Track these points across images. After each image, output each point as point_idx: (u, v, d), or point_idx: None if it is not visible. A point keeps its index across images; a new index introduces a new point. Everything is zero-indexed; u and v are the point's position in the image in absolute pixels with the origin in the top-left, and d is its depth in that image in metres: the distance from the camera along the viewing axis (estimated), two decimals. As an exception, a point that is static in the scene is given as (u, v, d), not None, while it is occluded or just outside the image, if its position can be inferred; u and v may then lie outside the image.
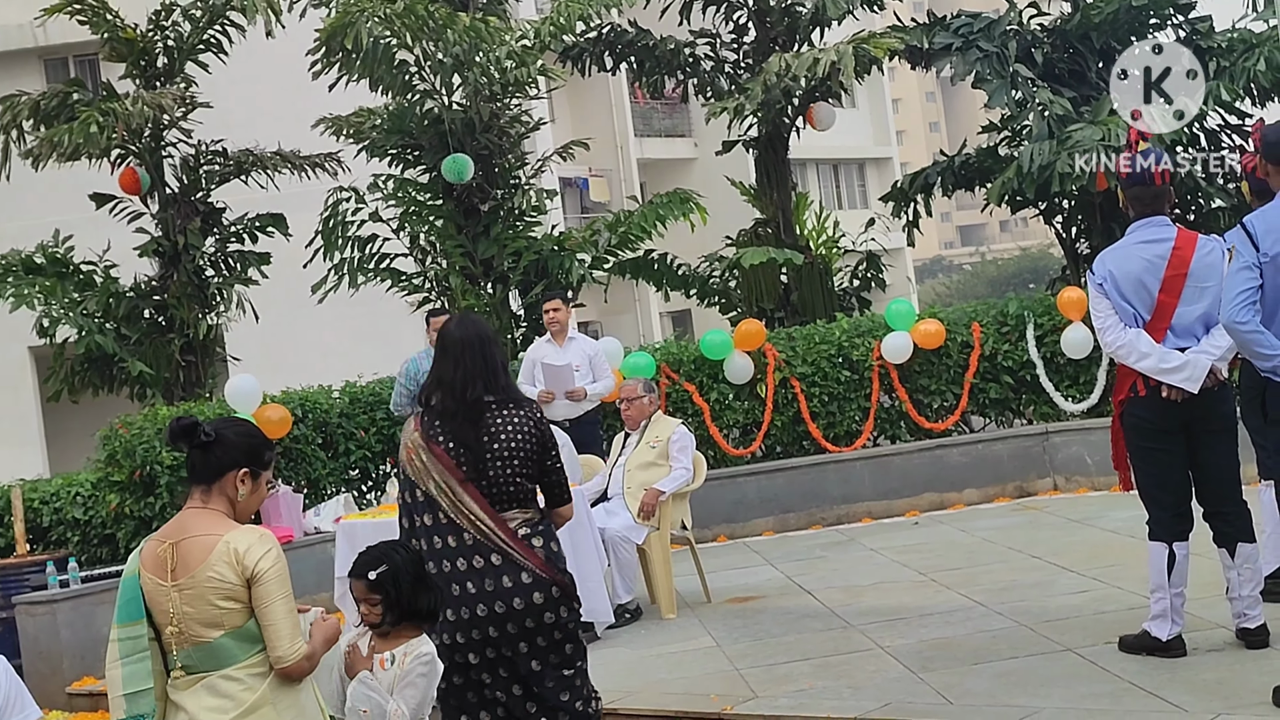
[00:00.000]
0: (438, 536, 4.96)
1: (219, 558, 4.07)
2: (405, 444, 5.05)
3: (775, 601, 9.18)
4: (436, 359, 5.17)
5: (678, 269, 15.35)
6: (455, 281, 13.59)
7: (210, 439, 4.21)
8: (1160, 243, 6.39)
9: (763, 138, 14.74)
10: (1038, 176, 12.86)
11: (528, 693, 4.97)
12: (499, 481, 5.00)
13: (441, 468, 4.95)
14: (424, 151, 13.98)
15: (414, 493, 5.01)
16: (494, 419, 5.05)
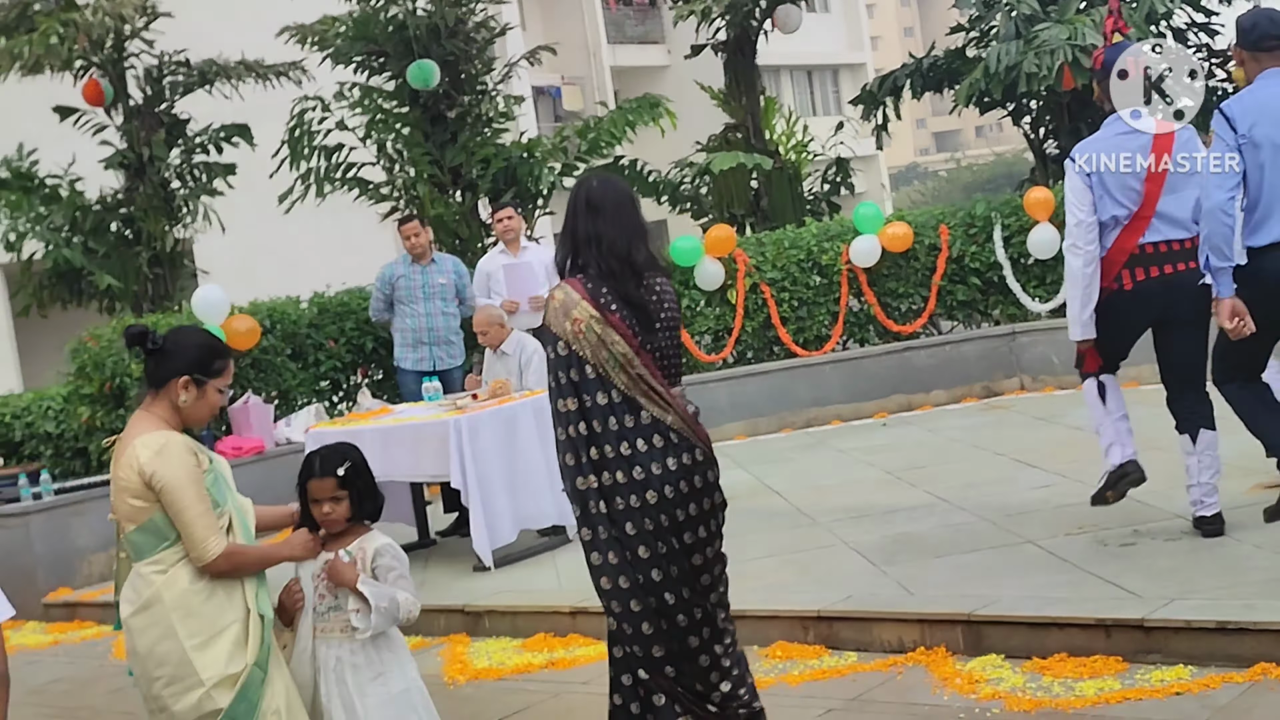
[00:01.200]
0: (614, 417, 4.41)
1: (127, 459, 4.21)
2: (569, 314, 4.40)
3: (745, 502, 9.23)
4: (585, 219, 4.54)
5: (648, 176, 15.31)
6: (423, 190, 13.52)
7: (157, 346, 4.31)
8: (1139, 134, 6.44)
9: (731, 42, 14.65)
10: (1005, 77, 12.86)
11: (698, 571, 4.50)
12: (667, 352, 4.55)
13: (618, 337, 4.41)
14: (389, 58, 13.85)
15: (583, 369, 4.39)
16: (654, 284, 4.57)
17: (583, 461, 4.42)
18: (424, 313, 11.02)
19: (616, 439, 4.40)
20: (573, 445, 4.44)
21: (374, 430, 8.57)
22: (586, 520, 4.47)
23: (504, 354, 9.54)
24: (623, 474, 4.39)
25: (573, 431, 4.43)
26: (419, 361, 11.05)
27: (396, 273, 11.09)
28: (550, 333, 4.47)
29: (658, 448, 4.40)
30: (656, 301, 4.54)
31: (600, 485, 4.42)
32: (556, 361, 4.45)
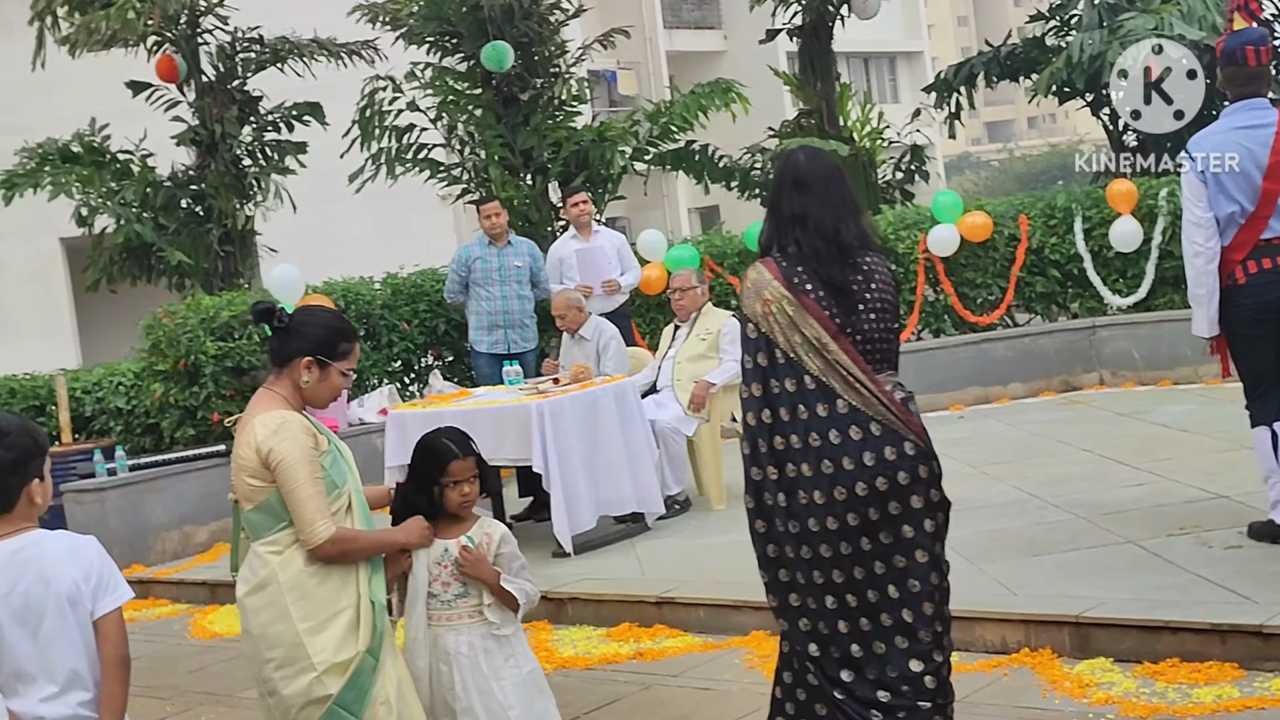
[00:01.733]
0: (803, 405, 4.07)
1: (246, 437, 4.16)
2: (760, 295, 4.12)
3: (824, 493, 9.13)
4: (790, 195, 4.22)
5: (719, 161, 15.16)
6: (494, 172, 13.42)
7: (283, 324, 4.23)
8: (1261, 128, 6.24)
9: (807, 26, 14.47)
10: (1088, 66, 12.63)
11: (891, 571, 4.14)
12: (873, 336, 4.16)
13: (812, 320, 4.07)
14: (462, 39, 13.74)
15: (771, 353, 4.10)
16: (863, 264, 4.21)
17: (761, 451, 4.12)
18: (500, 295, 10.96)
19: (804, 429, 4.08)
20: (752, 433, 4.15)
21: (455, 413, 8.48)
22: (760, 512, 4.20)
23: (582, 338, 9.46)
24: (809, 466, 4.07)
25: (753, 419, 4.15)
26: (494, 344, 10.99)
27: (473, 254, 11.04)
28: (742, 314, 4.23)
29: (854, 440, 4.06)
30: (863, 282, 4.18)
31: (781, 477, 4.10)
32: (746, 344, 4.20)
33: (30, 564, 3.59)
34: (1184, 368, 11.64)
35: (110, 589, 3.65)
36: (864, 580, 4.11)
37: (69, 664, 3.59)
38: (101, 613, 3.62)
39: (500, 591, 4.52)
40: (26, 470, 3.61)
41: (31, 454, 3.62)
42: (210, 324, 10.80)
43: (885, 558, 4.11)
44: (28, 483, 3.62)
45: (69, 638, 3.59)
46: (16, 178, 13.31)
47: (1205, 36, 12.18)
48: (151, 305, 15.98)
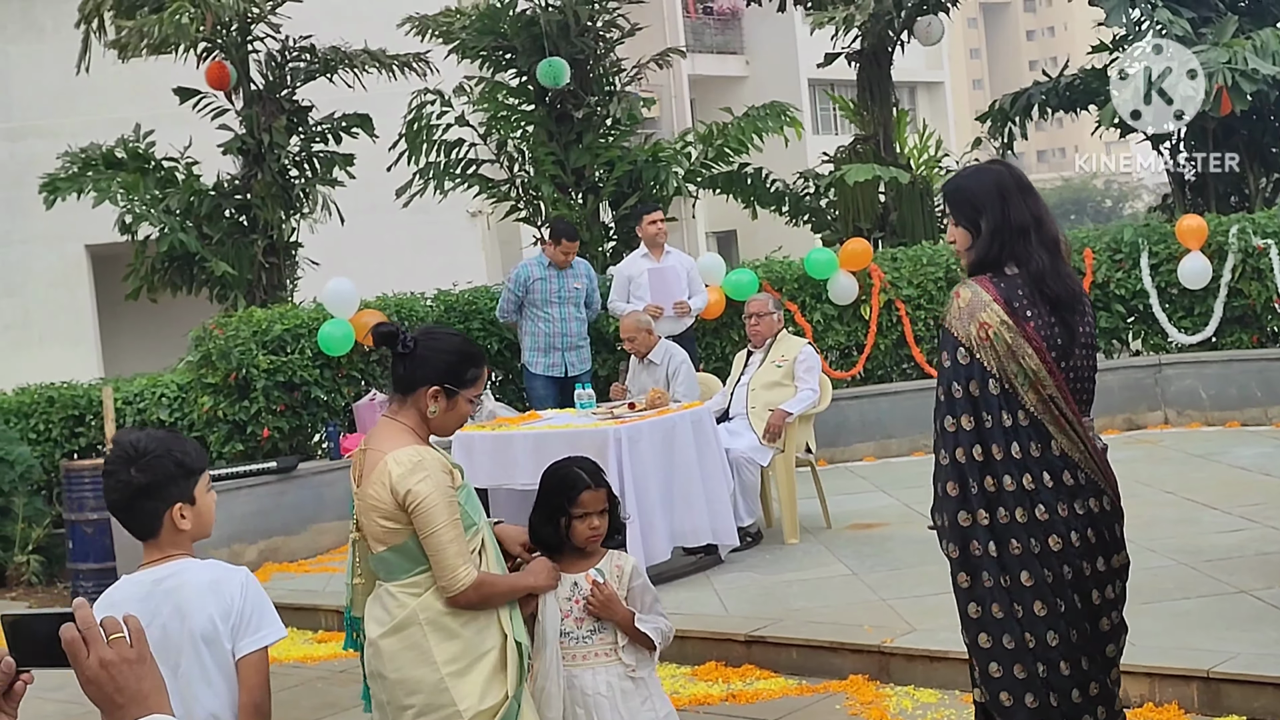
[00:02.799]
0: (1017, 443, 3.70)
1: (378, 476, 3.88)
2: (974, 317, 3.73)
3: (901, 529, 8.89)
4: (1018, 202, 3.80)
5: (771, 185, 14.91)
6: (546, 190, 13.17)
7: (408, 350, 3.95)
8: None
9: (866, 52, 14.23)
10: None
11: (1103, 638, 3.87)
12: (1083, 375, 3.83)
13: (1030, 350, 3.71)
14: (516, 54, 13.51)
15: (985, 383, 3.71)
16: (1077, 290, 3.88)
17: (971, 493, 3.72)
18: (559, 317, 10.76)
19: (1019, 469, 3.70)
20: (959, 472, 3.74)
21: (526, 436, 8.22)
22: (966, 564, 3.79)
23: (651, 363, 9.22)
24: (1022, 511, 3.71)
25: (961, 455, 3.73)
26: (550, 366, 10.79)
27: (533, 274, 10.83)
28: (950, 336, 3.79)
29: (1066, 486, 3.72)
30: (1079, 317, 3.83)
31: (992, 523, 3.72)
32: (952, 370, 3.77)
33: (169, 596, 3.32)
34: (1253, 409, 11.39)
35: (253, 628, 3.36)
36: (1079, 643, 3.78)
37: (207, 706, 3.31)
38: (241, 654, 3.34)
39: (634, 631, 4.26)
40: (165, 494, 3.33)
41: (172, 477, 3.34)
42: (263, 337, 10.56)
43: (1096, 618, 3.80)
44: (169, 507, 3.34)
45: (206, 678, 3.31)
46: (59, 182, 13.05)
47: (1278, 71, 11.95)
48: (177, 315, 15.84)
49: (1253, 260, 11.66)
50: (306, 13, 13.42)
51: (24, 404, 11.32)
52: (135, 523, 3.34)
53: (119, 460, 3.32)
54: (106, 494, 3.37)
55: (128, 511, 3.33)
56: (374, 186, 14.03)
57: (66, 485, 10.15)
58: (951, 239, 3.90)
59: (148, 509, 3.33)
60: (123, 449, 3.33)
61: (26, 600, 10.12)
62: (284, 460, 10.25)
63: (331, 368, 10.85)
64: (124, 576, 3.43)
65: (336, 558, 9.91)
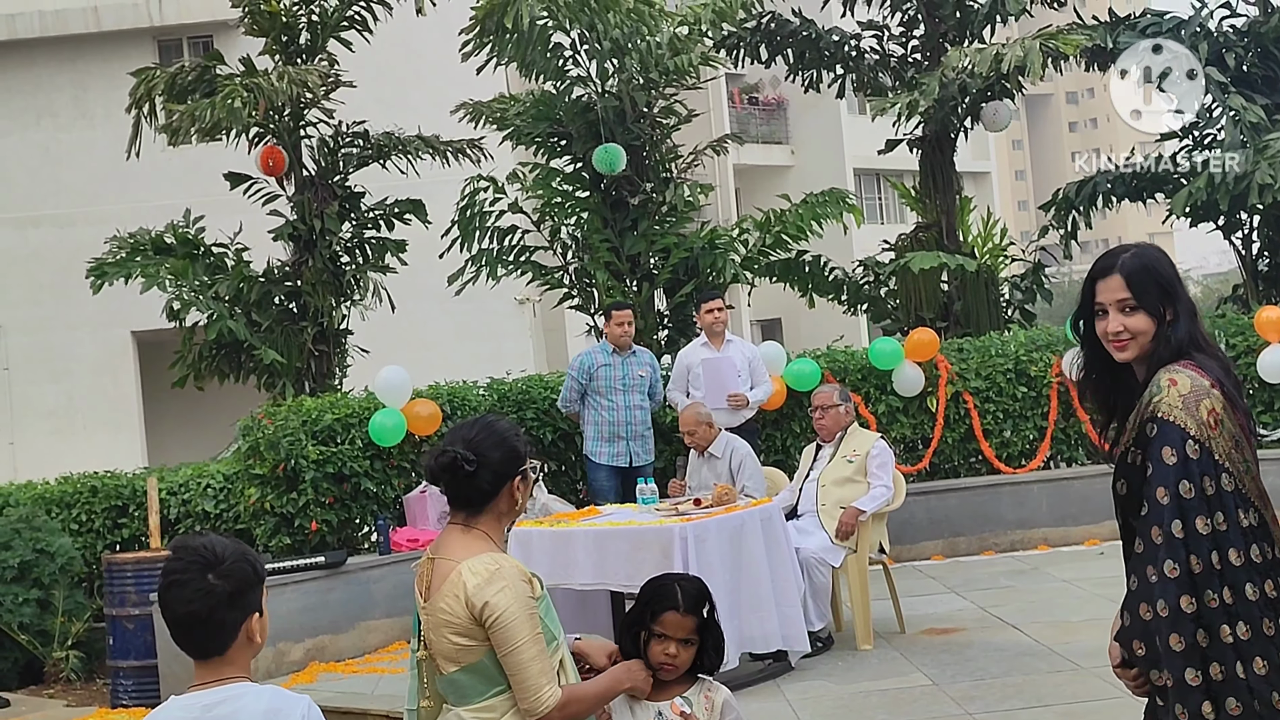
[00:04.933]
0: (1256, 546, 3.22)
1: (450, 589, 3.53)
2: (1200, 404, 3.28)
3: (979, 635, 8.44)
4: (1182, 285, 3.47)
5: (830, 273, 14.60)
6: (601, 277, 12.90)
7: (474, 468, 3.59)
8: None
9: (929, 138, 13.94)
10: (1234, 187, 12.02)
11: None
12: (1253, 470, 3.38)
13: (1245, 441, 3.31)
14: (571, 140, 13.30)
15: (1218, 478, 3.25)
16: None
17: (1210, 608, 3.20)
18: (623, 405, 10.47)
19: (1260, 576, 3.21)
20: (1203, 581, 3.20)
21: (586, 533, 7.83)
22: (1234, 687, 3.19)
23: (712, 456, 8.87)
24: (1270, 624, 3.21)
25: (1197, 564, 3.21)
26: (615, 456, 10.47)
27: (596, 362, 10.55)
28: (1174, 429, 3.27)
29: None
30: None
31: (1235, 642, 3.18)
32: (1180, 468, 3.25)
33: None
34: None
35: None
36: None
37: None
38: None
39: None
40: (245, 602, 2.99)
41: (251, 583, 3.00)
42: (312, 427, 10.25)
43: None
44: (247, 617, 3.00)
45: (260, 814, 2.94)
46: (107, 267, 12.84)
47: None
48: (224, 404, 15.58)
49: (1336, 352, 11.22)
50: (359, 98, 13.25)
51: (66, 493, 11.05)
52: (210, 636, 2.97)
53: (194, 566, 2.96)
54: (178, 605, 2.98)
55: (206, 624, 2.96)
56: (420, 273, 13.81)
57: (108, 579, 9.81)
58: (1119, 327, 3.46)
59: (229, 620, 2.98)
60: (196, 553, 2.98)
61: (65, 699, 9.76)
62: (332, 555, 9.90)
63: (382, 458, 10.52)
64: (172, 698, 3.06)
65: (385, 657, 9.53)
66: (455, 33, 13.00)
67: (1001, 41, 12.98)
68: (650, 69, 12.83)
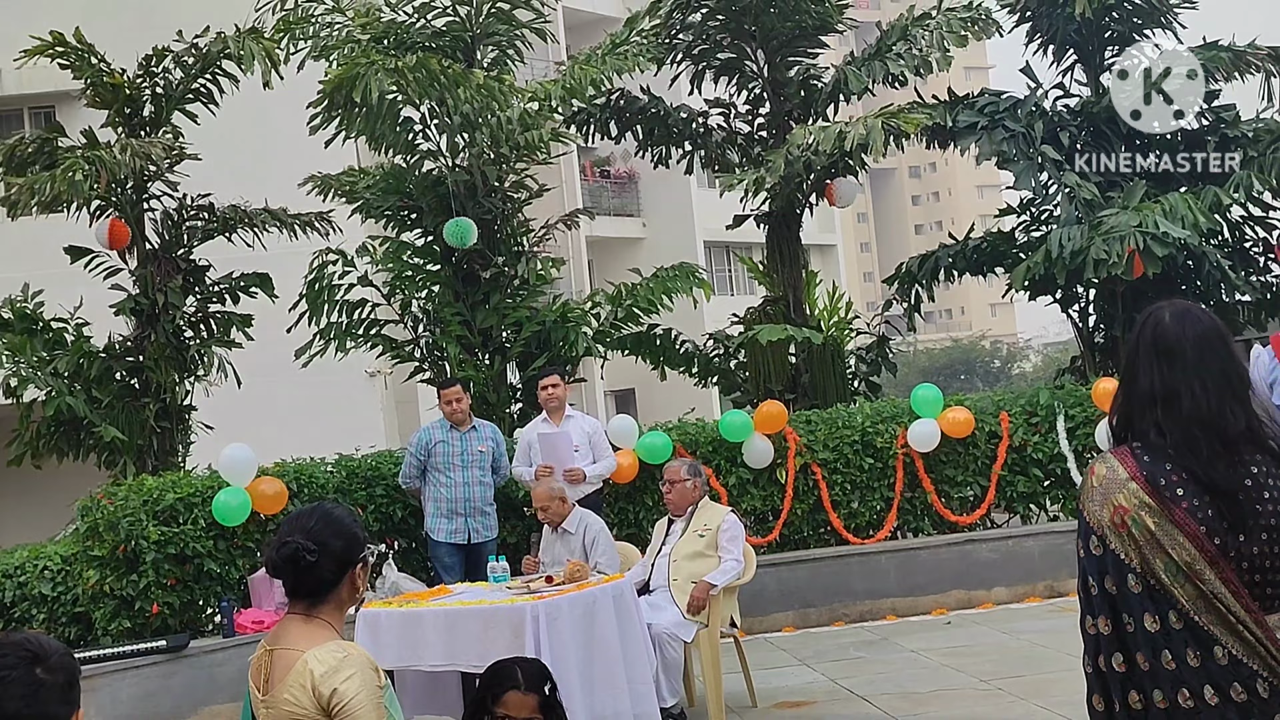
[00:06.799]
0: (1169, 651, 3.03)
1: (296, 678, 3.47)
2: (1109, 499, 3.13)
3: (829, 708, 8.49)
4: (1151, 368, 3.21)
5: (680, 346, 14.71)
6: (452, 351, 12.85)
7: (315, 558, 3.55)
8: None
9: (776, 214, 14.17)
10: (1070, 262, 12.39)
11: None
12: (1263, 565, 3.10)
13: (1183, 538, 3.06)
14: (422, 213, 13.28)
15: (1123, 578, 3.09)
16: (1253, 465, 3.14)
17: (1114, 710, 3.10)
18: (462, 481, 10.41)
19: (1172, 683, 3.04)
20: (1103, 684, 3.12)
21: (436, 613, 7.74)
22: None
23: (565, 532, 8.82)
24: None
25: (1103, 664, 3.10)
26: (454, 533, 10.40)
27: (434, 438, 10.49)
28: (1083, 521, 3.17)
29: (1235, 703, 3.03)
30: (1253, 488, 3.12)
31: None
32: (1086, 563, 3.15)
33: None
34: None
35: None
36: None
37: None
38: None
39: None
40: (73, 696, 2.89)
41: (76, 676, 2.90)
42: (154, 507, 10.00)
43: None
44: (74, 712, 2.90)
45: None
46: (-60, 344, 12.47)
47: (1188, 235, 12.02)
48: (63, 483, 15.12)
49: (1168, 423, 11.55)
50: (205, 171, 13.05)
51: (-107, 578, 10.62)
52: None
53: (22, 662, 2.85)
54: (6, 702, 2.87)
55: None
56: (268, 347, 13.60)
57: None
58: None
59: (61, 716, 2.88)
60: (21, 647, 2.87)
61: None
62: (174, 638, 9.64)
63: (226, 538, 10.30)
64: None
65: (229, 744, 9.29)
66: (305, 105, 12.91)
67: (845, 119, 13.26)
68: (501, 143, 12.87)
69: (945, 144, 14.25)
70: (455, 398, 10.55)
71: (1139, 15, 14.18)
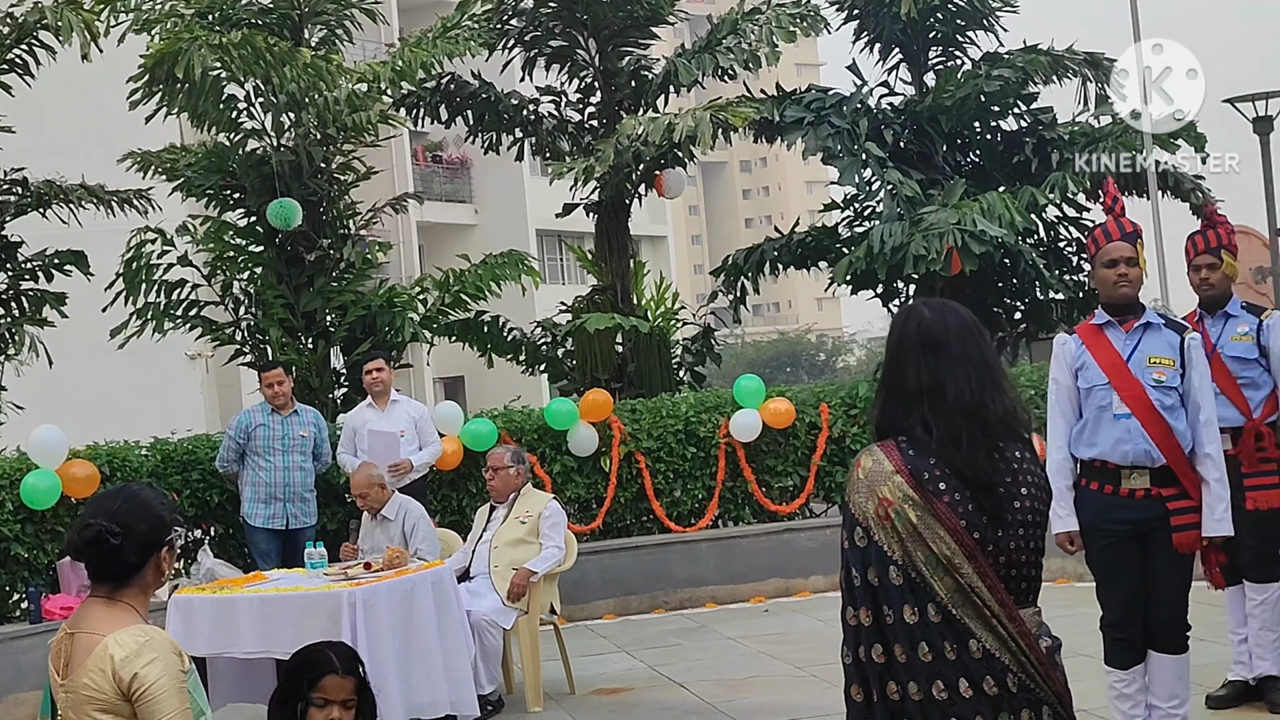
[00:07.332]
0: (925, 643, 3.10)
1: (95, 663, 3.41)
2: (874, 492, 3.17)
3: (647, 694, 8.57)
4: (918, 362, 3.23)
5: (508, 334, 14.67)
6: (274, 334, 12.64)
7: (119, 541, 3.48)
8: None
9: (606, 203, 14.20)
10: (890, 257, 12.65)
11: None
12: (1019, 559, 3.19)
13: (943, 531, 3.11)
14: (246, 194, 13.01)
15: (885, 571, 3.14)
16: (1012, 457, 3.23)
17: (873, 701, 3.17)
18: (281, 466, 10.26)
19: (928, 675, 3.10)
20: (862, 674, 3.19)
21: (251, 599, 7.62)
22: None
23: (384, 519, 8.74)
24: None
25: (863, 655, 3.17)
26: (272, 518, 10.26)
27: (254, 421, 10.33)
28: (848, 513, 3.23)
29: (988, 696, 3.11)
30: (1012, 484, 3.21)
31: None
32: (850, 554, 3.20)
33: None
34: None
35: None
36: None
37: None
38: None
39: None
40: None
41: None
42: (-44, 492, 9.68)
43: None
44: None
45: None
46: None
47: (1005, 234, 12.35)
48: None
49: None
50: (19, 144, 12.63)
51: None
52: None
53: None
54: None
55: None
56: (85, 326, 13.20)
57: None
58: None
59: None
60: None
61: None
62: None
63: (34, 522, 10.00)
64: None
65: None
66: (125, 79, 12.56)
67: (675, 111, 13.33)
68: (328, 124, 12.67)
69: (773, 138, 14.43)
70: (276, 381, 10.40)
71: (962, 17, 14.54)
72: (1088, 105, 14.62)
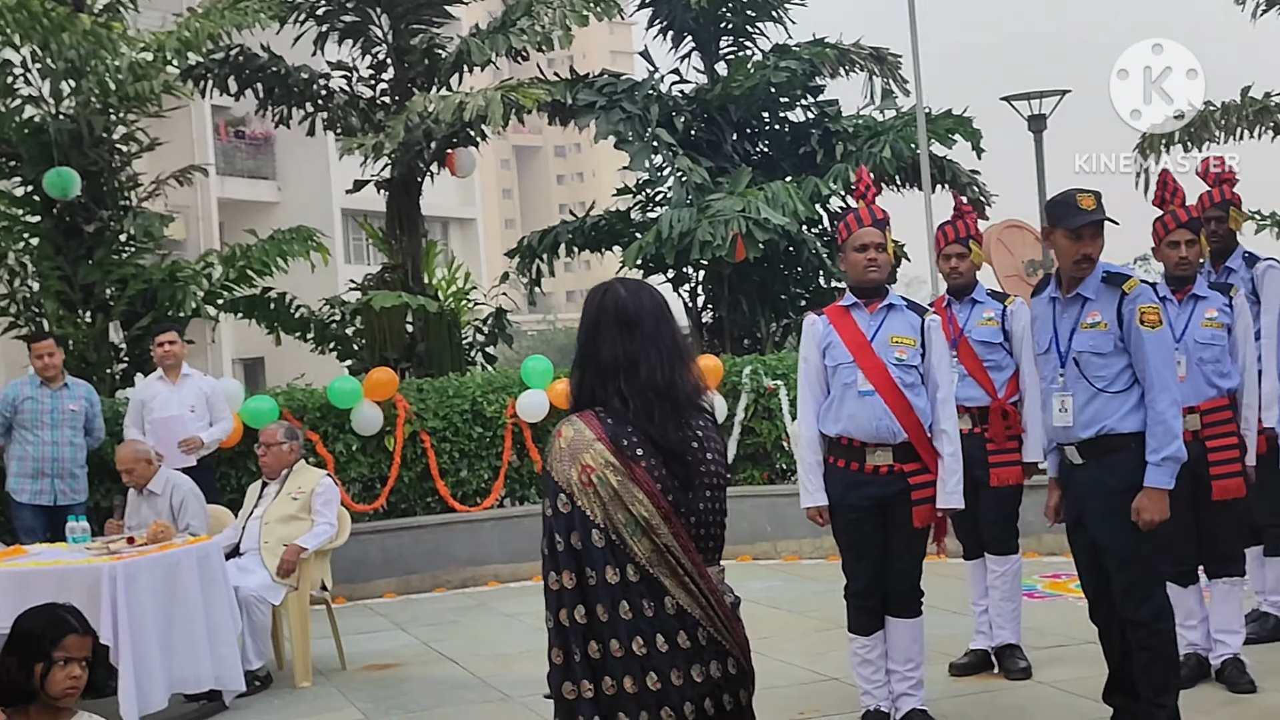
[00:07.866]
0: (626, 601, 3.26)
1: None
2: (577, 459, 3.31)
3: (417, 669, 8.59)
4: (615, 338, 3.41)
5: (295, 311, 14.51)
6: (50, 307, 12.33)
7: None
8: None
9: (396, 181, 14.14)
10: (678, 243, 12.83)
11: None
12: (707, 519, 3.40)
13: (641, 494, 3.29)
14: (22, 162, 12.65)
15: (588, 534, 3.28)
16: (697, 426, 3.43)
17: (574, 661, 3.30)
18: (50, 440, 10.00)
19: (628, 632, 3.26)
20: (564, 637, 3.32)
21: (8, 573, 7.44)
22: None
23: (151, 493, 8.59)
24: (632, 681, 3.29)
25: (565, 618, 3.31)
26: (38, 494, 10.00)
27: (22, 394, 10.05)
28: (551, 481, 3.37)
29: (682, 649, 3.29)
30: (699, 450, 3.41)
31: (598, 695, 3.29)
32: (553, 520, 3.34)
33: None
34: (763, 543, 11.78)
35: None
36: None
37: None
38: None
39: None
40: None
41: None
42: None
43: None
44: None
45: None
46: None
47: (788, 222, 12.62)
48: None
49: (764, 400, 12.14)
50: None
51: None
52: None
53: None
54: None
55: None
56: None
57: None
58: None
59: None
60: None
61: None
62: None
63: None
64: None
65: None
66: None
67: (467, 90, 13.34)
68: (109, 94, 12.39)
69: (566, 121, 14.53)
70: (46, 352, 10.13)
71: (753, 8, 14.83)
72: (872, 99, 15.03)
